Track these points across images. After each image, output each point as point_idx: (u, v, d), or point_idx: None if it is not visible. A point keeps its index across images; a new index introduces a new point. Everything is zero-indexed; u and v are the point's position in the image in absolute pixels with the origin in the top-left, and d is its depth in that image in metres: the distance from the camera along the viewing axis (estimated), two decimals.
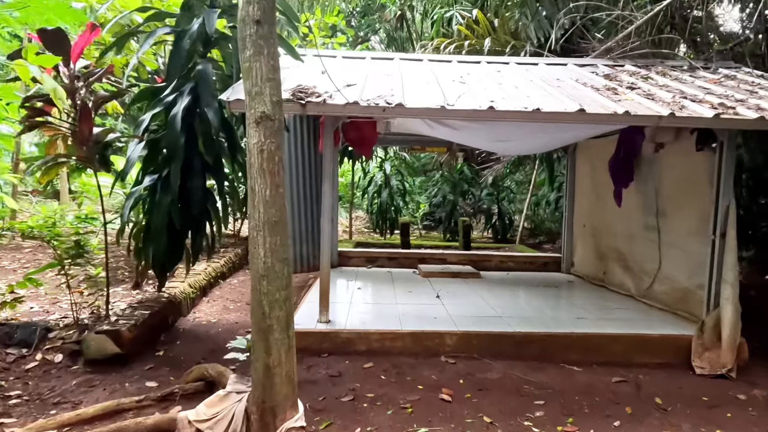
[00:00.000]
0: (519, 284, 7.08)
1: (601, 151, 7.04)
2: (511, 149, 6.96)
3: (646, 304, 5.85)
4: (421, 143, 8.11)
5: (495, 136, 5.58)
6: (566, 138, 5.83)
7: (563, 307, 5.73)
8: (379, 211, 12.25)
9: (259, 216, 2.30)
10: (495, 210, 13.08)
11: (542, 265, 8.21)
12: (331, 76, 4.49)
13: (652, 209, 5.94)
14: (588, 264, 7.46)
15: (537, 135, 5.50)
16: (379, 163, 12.70)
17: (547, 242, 12.91)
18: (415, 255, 8.24)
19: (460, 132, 5.50)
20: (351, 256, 8.20)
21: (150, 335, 4.55)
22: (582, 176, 7.70)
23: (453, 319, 4.96)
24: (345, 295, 6.01)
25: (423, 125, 5.56)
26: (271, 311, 2.31)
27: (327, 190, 4.71)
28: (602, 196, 7.08)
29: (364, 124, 7.00)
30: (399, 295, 6.07)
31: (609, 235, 6.94)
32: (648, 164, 5.98)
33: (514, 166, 12.38)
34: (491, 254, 8.25)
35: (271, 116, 2.26)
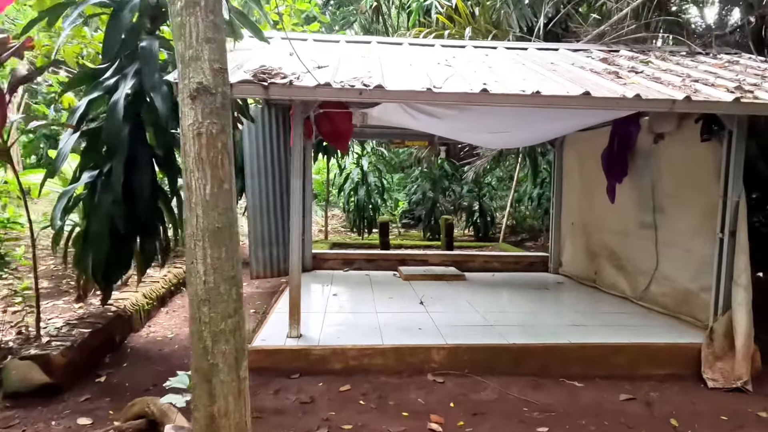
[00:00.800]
0: (507, 286, 6.64)
1: (591, 143, 6.63)
2: (498, 142, 6.51)
3: (644, 307, 5.46)
4: (401, 137, 7.60)
5: (483, 126, 5.10)
6: (561, 128, 5.39)
7: (557, 312, 5.29)
8: (357, 209, 11.68)
9: (198, 222, 1.73)
10: (476, 207, 12.65)
11: (529, 265, 7.80)
12: (300, 57, 3.93)
13: (649, 205, 5.55)
14: (578, 263, 7.07)
15: (530, 125, 5.03)
16: (355, 159, 12.13)
17: (530, 239, 12.57)
18: (394, 256, 7.73)
19: (444, 122, 4.99)
20: (326, 258, 7.63)
21: (90, 358, 3.91)
22: (570, 171, 7.30)
23: (440, 330, 4.45)
24: (319, 302, 5.45)
25: (404, 115, 5.04)
26: (215, 346, 1.75)
27: (296, 186, 4.15)
28: (592, 192, 6.68)
29: (339, 116, 6.43)
30: (379, 301, 5.54)
31: (600, 232, 6.54)
32: (644, 157, 5.58)
33: (495, 161, 11.98)
34: (475, 254, 7.80)
35: (210, 88, 1.70)
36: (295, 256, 4.18)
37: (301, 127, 4.09)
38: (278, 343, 4.07)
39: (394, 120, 5.62)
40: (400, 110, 4.92)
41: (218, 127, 1.73)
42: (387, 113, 5.24)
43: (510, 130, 5.28)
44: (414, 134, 7.59)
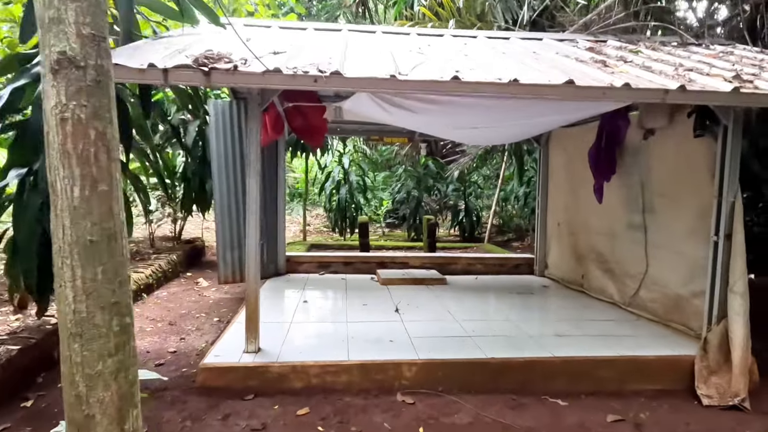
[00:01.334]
0: (489, 291, 6.29)
1: (578, 140, 6.30)
2: (479, 138, 6.14)
3: (633, 314, 5.14)
4: (379, 133, 7.21)
5: (463, 121, 4.73)
6: (545, 124, 5.04)
7: (541, 320, 4.94)
8: (338, 209, 11.28)
9: (65, 233, 1.34)
10: (462, 206, 12.31)
11: (513, 267, 7.46)
12: (258, 45, 3.55)
13: (638, 205, 5.22)
14: (564, 266, 6.74)
15: (512, 120, 4.68)
16: (337, 158, 11.73)
17: (516, 239, 12.26)
18: (374, 259, 7.35)
19: (420, 117, 4.62)
20: (301, 261, 7.23)
21: (19, 378, 3.49)
22: (556, 169, 6.97)
23: (413, 342, 4.08)
24: (287, 311, 5.05)
25: (377, 109, 4.66)
26: (91, 392, 1.36)
27: (252, 186, 3.76)
28: (579, 191, 6.35)
29: (311, 110, 6.04)
30: (351, 309, 5.15)
31: (587, 234, 6.22)
32: (633, 154, 5.26)
33: (480, 159, 11.65)
34: (458, 256, 7.44)
35: (77, 60, 1.30)
36: (252, 262, 3.79)
37: (257, 121, 3.69)
38: (233, 359, 3.67)
39: (368, 114, 5.24)
40: (372, 103, 4.55)
41: (89, 110, 1.33)
42: (359, 106, 4.85)
43: (491, 125, 4.92)
44: (393, 130, 7.21)
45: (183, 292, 6.61)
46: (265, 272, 6.71)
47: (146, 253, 7.82)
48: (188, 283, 7.13)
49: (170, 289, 6.68)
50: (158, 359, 4.15)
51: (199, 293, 6.56)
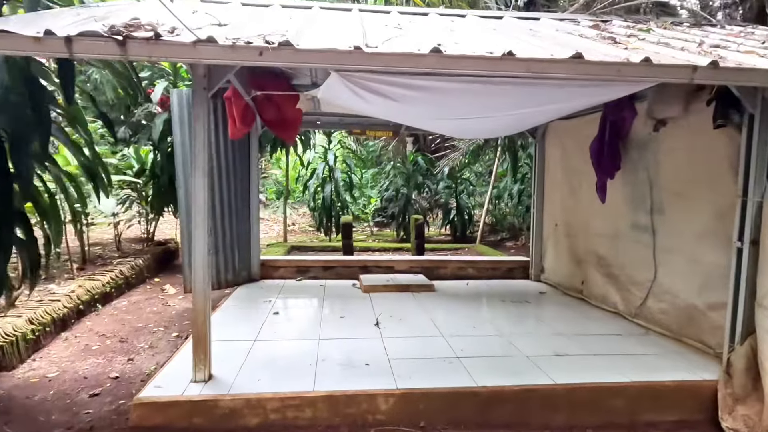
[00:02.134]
0: (481, 299, 5.74)
1: (577, 133, 5.76)
2: (468, 131, 5.58)
3: (641, 326, 4.61)
4: (361, 126, 6.63)
5: (448, 111, 4.17)
6: (541, 114, 4.48)
7: (538, 335, 4.39)
8: (323, 207, 10.69)
9: None
10: (453, 204, 11.76)
11: (507, 271, 6.92)
12: (208, 19, 2.96)
13: (645, 204, 4.69)
14: (562, 271, 6.21)
15: (503, 109, 4.12)
16: (322, 153, 11.13)
17: (510, 239, 11.74)
18: (356, 263, 6.78)
19: (401, 106, 4.04)
20: (278, 265, 6.65)
21: None
22: (553, 165, 6.43)
23: (392, 365, 3.52)
24: (253, 325, 4.47)
25: (353, 97, 4.07)
26: None
27: (199, 185, 3.17)
28: (578, 189, 5.82)
29: (284, 100, 5.44)
30: (326, 323, 4.59)
31: (587, 236, 5.69)
32: (640, 148, 4.72)
33: (473, 156, 11.09)
34: (448, 260, 6.89)
35: None
36: (199, 275, 3.20)
37: (203, 107, 3.10)
38: (176, 391, 3.09)
39: (345, 104, 4.65)
40: (346, 90, 3.96)
41: None
42: (333, 94, 4.26)
43: (482, 115, 4.35)
44: (376, 123, 6.64)
45: (146, 300, 6.01)
46: (237, 279, 6.13)
47: (110, 258, 7.21)
48: (154, 290, 6.53)
49: (132, 298, 6.08)
50: (95, 387, 3.56)
51: (163, 302, 5.96)
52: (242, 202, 6.18)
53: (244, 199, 6.21)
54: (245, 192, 6.23)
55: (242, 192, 6.17)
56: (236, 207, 6.07)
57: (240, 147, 6.11)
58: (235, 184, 6.04)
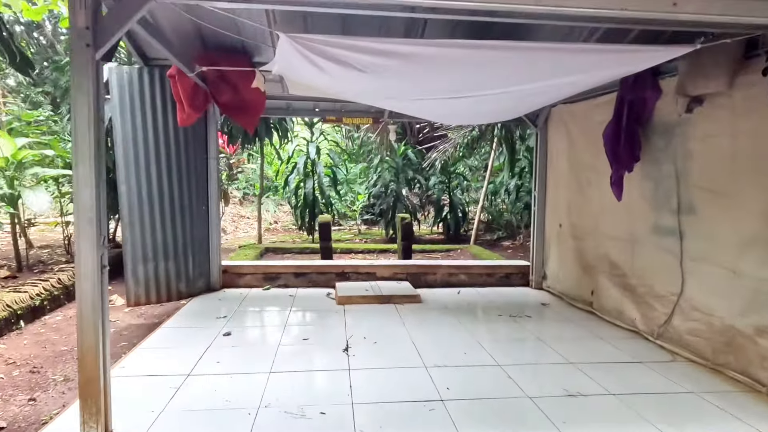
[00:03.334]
0: (474, 312, 4.93)
1: (585, 119, 4.95)
2: (456, 114, 4.71)
3: (665, 349, 3.82)
4: (336, 112, 5.80)
5: (429, 85, 3.35)
6: (544, 91, 3.64)
7: (543, 365, 3.59)
8: (304, 204, 9.86)
9: None
10: (446, 201, 10.95)
11: (504, 277, 6.12)
12: None
13: (670, 203, 3.89)
14: (568, 278, 5.41)
15: (497, 83, 3.30)
16: (303, 146, 10.29)
17: (506, 238, 10.94)
18: (333, 268, 5.96)
19: (371, 79, 3.22)
20: (243, 272, 5.82)
21: None
22: (557, 157, 5.61)
23: (355, 415, 2.71)
24: (193, 352, 3.64)
25: (314, 70, 3.26)
26: None
27: (84, 177, 2.31)
28: (586, 184, 5.01)
29: (240, 79, 4.59)
30: (285, 349, 3.77)
31: (597, 238, 4.88)
32: (665, 134, 3.91)
33: (467, 149, 10.26)
34: (437, 264, 6.08)
35: None
36: (87, 297, 2.36)
37: (90, 73, 2.24)
38: None
39: (307, 80, 3.83)
40: (304, 61, 3.14)
41: None
42: (290, 66, 3.44)
43: (470, 93, 3.53)
44: (354, 110, 5.82)
45: None
46: (191, 289, 5.31)
47: (56, 262, 6.37)
48: None
49: (70, 311, 5.23)
50: None
51: None
52: (198, 201, 5.35)
53: (200, 198, 5.37)
54: (202, 189, 5.39)
55: (198, 189, 5.33)
56: (190, 206, 5.24)
57: (195, 137, 5.27)
58: (189, 180, 5.21)
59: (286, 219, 13.49)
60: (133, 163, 4.87)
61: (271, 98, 5.55)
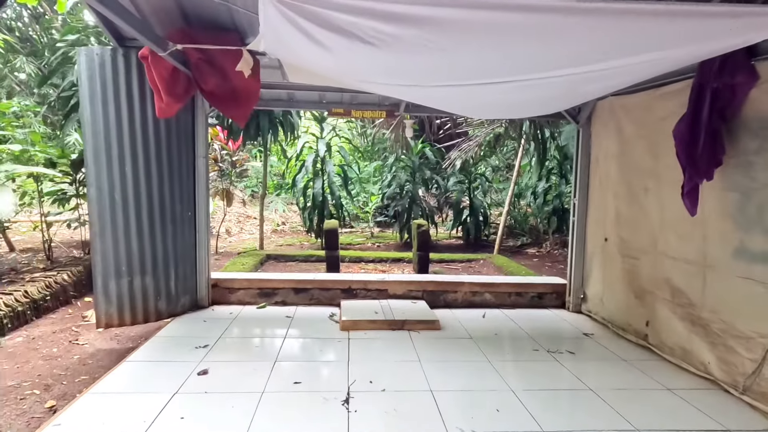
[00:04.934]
0: (505, 347, 4.10)
1: (644, 113, 4.09)
2: (492, 106, 3.84)
3: (757, 410, 2.96)
4: (344, 105, 5.01)
5: (461, 62, 2.54)
6: (612, 75, 2.80)
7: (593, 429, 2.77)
8: (313, 206, 9.12)
9: None
10: (466, 203, 10.12)
11: (536, 297, 5.28)
12: None
13: (765, 221, 3.03)
14: (615, 303, 4.56)
15: (551, 62, 2.48)
16: (314, 143, 9.54)
17: (531, 244, 10.07)
18: (338, 284, 5.18)
19: (380, 55, 2.43)
20: (235, 286, 5.09)
21: None
22: (604, 159, 4.75)
23: None
24: (154, 403, 2.90)
25: (309, 44, 2.52)
26: None
27: None
28: (642, 193, 4.15)
29: (228, 62, 3.84)
30: (270, 397, 3.00)
31: (656, 258, 4.02)
32: (761, 133, 3.04)
33: (488, 146, 9.39)
34: (459, 281, 5.27)
35: None
36: None
37: None
38: None
39: (304, 60, 3.08)
40: (295, 32, 2.38)
41: None
42: (280, 40, 2.67)
43: (506, 76, 2.71)
44: (364, 102, 5.04)
45: (52, 335, 4.48)
46: (174, 307, 4.59)
47: (31, 270, 5.72)
48: (73, 317, 5.00)
49: (35, 331, 4.56)
50: None
51: (73, 338, 4.43)
52: (184, 206, 4.62)
53: (186, 202, 4.64)
54: (187, 192, 4.66)
55: (183, 192, 4.61)
56: (173, 212, 4.51)
57: (180, 131, 4.54)
58: (172, 181, 4.48)
59: (296, 219, 12.78)
60: (105, 161, 4.16)
61: (270, 87, 4.81)
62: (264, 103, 5.26)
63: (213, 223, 10.82)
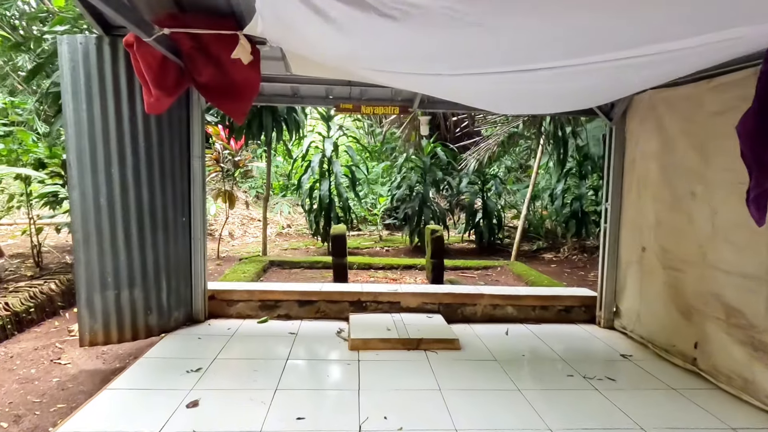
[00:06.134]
0: (534, 371, 3.64)
1: (691, 108, 3.62)
2: (521, 98, 3.34)
3: None
4: (353, 100, 4.58)
5: (494, 37, 2.09)
6: (668, 56, 2.35)
7: None
8: (319, 208, 8.70)
9: None
10: (479, 205, 9.65)
11: (563, 311, 4.82)
12: None
13: None
14: (656, 320, 4.09)
15: (604, 36, 2.04)
16: (320, 142, 9.12)
17: (548, 249, 9.58)
18: (347, 296, 4.74)
19: (401, 32, 1.99)
20: (234, 298, 4.67)
21: None
22: (642, 159, 4.28)
23: None
24: None
25: (314, 18, 2.08)
26: None
27: None
28: (689, 198, 3.68)
29: (223, 49, 3.41)
30: None
31: (705, 272, 3.55)
32: None
33: (501, 145, 8.90)
34: (478, 294, 4.81)
35: None
36: None
37: None
38: None
39: (307, 45, 2.65)
40: (303, 11, 1.94)
41: None
42: (277, 18, 2.24)
43: (548, 60, 2.26)
44: (374, 98, 4.61)
45: (33, 353, 4.08)
46: (167, 322, 4.18)
47: (18, 278, 5.34)
48: (59, 332, 4.60)
49: (15, 347, 4.16)
50: None
51: (55, 358, 4.02)
52: (178, 210, 4.20)
53: (180, 206, 4.23)
54: (182, 195, 4.24)
55: (177, 196, 4.19)
56: (165, 218, 4.10)
57: (174, 129, 4.13)
58: (164, 184, 4.07)
59: (301, 222, 12.36)
60: (90, 162, 3.75)
61: (272, 80, 4.39)
62: (266, 99, 4.84)
63: (215, 226, 10.44)
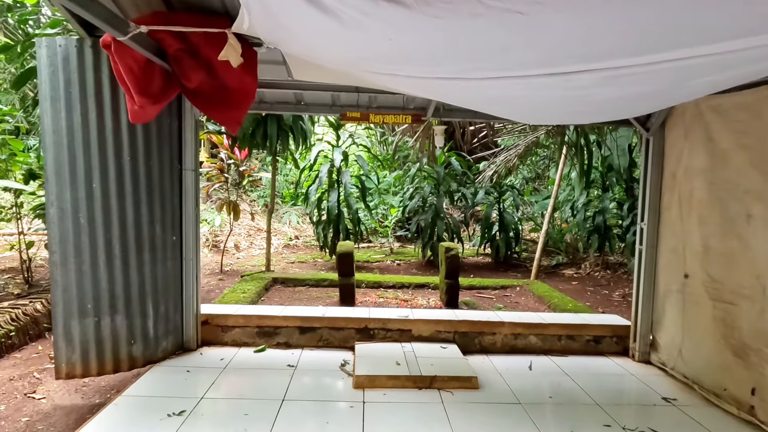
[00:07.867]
0: (564, 419, 3.17)
1: (748, 118, 3.15)
2: (557, 105, 2.92)
3: None
4: (361, 108, 4.18)
5: (541, 49, 1.67)
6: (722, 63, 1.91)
7: None
8: (327, 220, 8.30)
9: None
10: (495, 218, 9.19)
11: (592, 341, 4.34)
12: None
13: None
14: (701, 358, 3.59)
15: (671, 32, 1.60)
16: (330, 151, 8.75)
17: (568, 265, 9.06)
18: (353, 322, 4.32)
19: (414, 24, 1.57)
20: (230, 323, 4.27)
21: None
22: (685, 175, 3.80)
23: None
24: None
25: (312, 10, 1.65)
26: None
27: None
28: (744, 221, 3.20)
29: (214, 50, 3.03)
30: None
31: (766, 306, 3.06)
32: None
33: (520, 157, 8.43)
34: (497, 322, 4.35)
35: None
36: None
37: None
38: None
39: (302, 44, 2.25)
40: (299, 2, 1.53)
41: None
42: (275, 19, 1.84)
43: (599, 60, 1.83)
44: (383, 105, 4.20)
45: (8, 383, 3.72)
46: (154, 352, 3.79)
47: (4, 296, 5.02)
48: (41, 356, 4.25)
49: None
50: None
51: (33, 388, 3.65)
52: (167, 229, 3.82)
53: (170, 224, 3.85)
54: (172, 212, 3.86)
55: (167, 212, 3.81)
56: (153, 237, 3.71)
57: (163, 139, 3.76)
58: (151, 200, 3.69)
59: (310, 232, 11.97)
60: (69, 176, 3.38)
61: (273, 86, 4.01)
62: (268, 107, 4.46)
63: (220, 237, 10.10)
